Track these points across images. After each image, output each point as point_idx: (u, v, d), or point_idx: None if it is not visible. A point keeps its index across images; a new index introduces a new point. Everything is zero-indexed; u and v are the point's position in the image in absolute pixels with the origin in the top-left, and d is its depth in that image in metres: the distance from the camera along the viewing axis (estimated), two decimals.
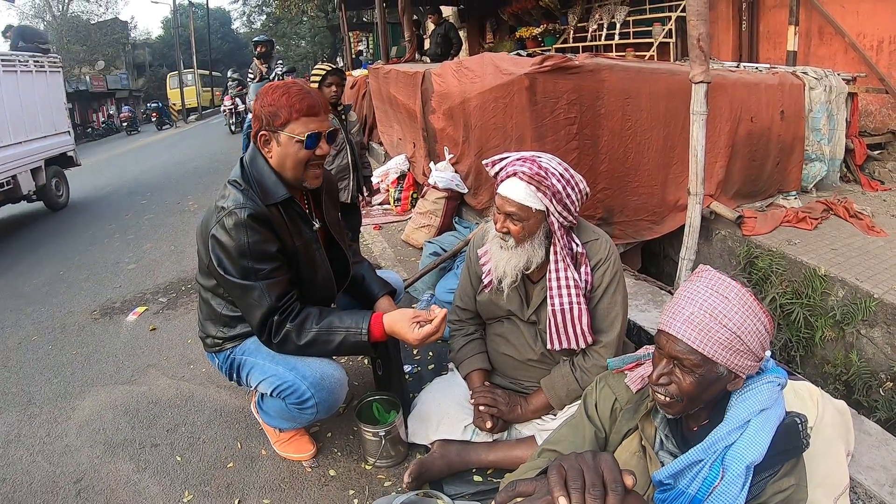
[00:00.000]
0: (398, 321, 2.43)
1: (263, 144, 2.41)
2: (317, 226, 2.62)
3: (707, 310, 1.52)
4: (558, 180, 2.21)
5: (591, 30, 10.48)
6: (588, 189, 2.33)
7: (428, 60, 10.62)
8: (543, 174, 2.19)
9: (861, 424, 2.44)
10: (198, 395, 3.55)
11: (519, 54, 5.15)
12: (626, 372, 1.91)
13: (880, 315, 3.81)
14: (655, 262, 5.23)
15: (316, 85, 4.43)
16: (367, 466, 2.78)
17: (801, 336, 4.14)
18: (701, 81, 3.64)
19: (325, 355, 2.54)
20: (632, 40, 9.69)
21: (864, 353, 3.92)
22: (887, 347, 3.81)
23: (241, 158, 2.52)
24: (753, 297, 1.54)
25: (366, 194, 5.00)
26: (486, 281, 2.52)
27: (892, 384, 3.73)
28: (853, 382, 3.88)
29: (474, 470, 2.61)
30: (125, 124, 32.63)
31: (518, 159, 2.26)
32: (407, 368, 3.31)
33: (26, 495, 2.89)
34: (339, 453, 2.90)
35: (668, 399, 1.61)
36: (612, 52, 9.83)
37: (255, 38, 10.79)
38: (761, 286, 4.40)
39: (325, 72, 4.43)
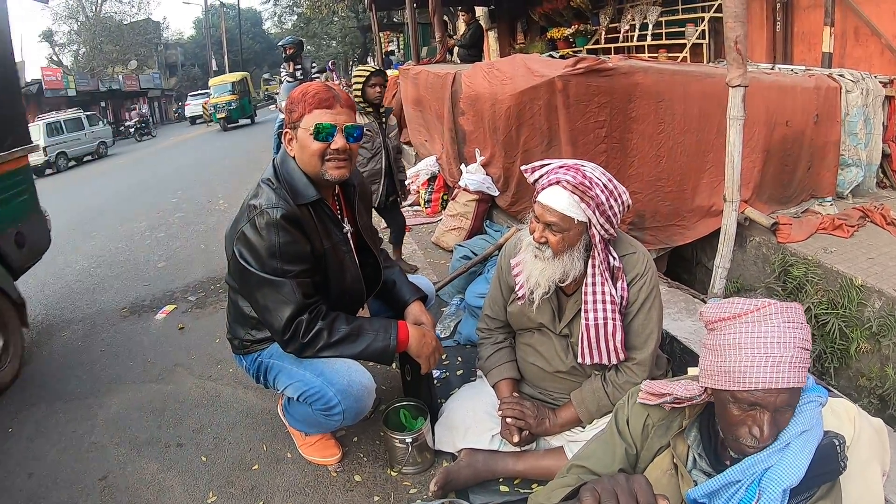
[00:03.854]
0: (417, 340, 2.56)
1: (288, 143, 2.45)
2: (347, 229, 2.62)
3: (800, 346, 1.48)
4: (602, 191, 2.14)
5: (622, 30, 10.38)
6: (630, 201, 2.27)
7: (458, 61, 10.60)
8: (588, 184, 2.12)
9: None
10: (224, 396, 3.56)
11: (551, 56, 5.09)
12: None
13: None
14: (688, 267, 5.15)
15: (360, 86, 4.43)
16: (392, 473, 2.75)
17: (835, 347, 4.04)
18: (738, 85, 3.56)
19: (349, 357, 2.53)
20: (664, 41, 9.60)
21: None
22: None
23: (273, 159, 2.54)
24: (800, 305, 1.52)
25: (400, 198, 4.99)
26: (519, 293, 2.45)
27: None
28: (888, 397, 3.78)
29: (501, 479, 2.57)
30: (134, 130, 32.20)
31: (561, 167, 2.20)
32: (435, 373, 3.28)
33: (51, 491, 2.92)
34: (365, 458, 2.89)
35: (765, 444, 1.55)
36: (644, 53, 9.76)
37: (281, 42, 10.84)
38: (796, 295, 4.31)
39: (369, 73, 4.44)
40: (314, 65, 10.84)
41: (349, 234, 2.64)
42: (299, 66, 10.31)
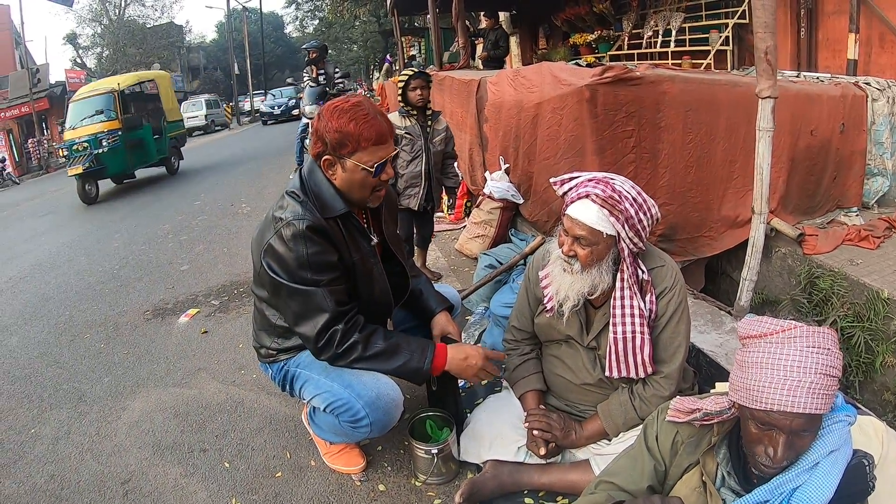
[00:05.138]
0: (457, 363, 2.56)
1: (327, 167, 2.41)
2: (374, 240, 2.61)
3: (823, 372, 1.47)
4: (631, 204, 2.13)
5: (646, 36, 10.32)
6: (659, 214, 2.26)
7: (480, 66, 10.61)
8: (617, 197, 2.12)
9: None
10: (248, 402, 3.58)
11: (578, 63, 5.07)
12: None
13: None
14: (713, 278, 5.11)
15: (400, 90, 4.43)
16: (417, 483, 2.75)
17: (860, 361, 4.00)
18: (768, 97, 3.53)
19: (381, 372, 2.53)
20: (688, 48, 9.53)
21: None
22: None
23: (300, 170, 2.52)
24: (832, 329, 1.52)
25: (446, 204, 4.97)
26: (548, 306, 2.45)
27: None
28: None
29: (526, 492, 2.55)
30: None
31: (590, 180, 2.19)
32: (461, 383, 3.28)
33: (74, 493, 2.95)
34: (390, 468, 2.89)
35: (783, 464, 1.56)
36: (667, 59, 9.71)
37: (305, 45, 10.91)
38: (822, 308, 4.27)
39: (408, 76, 4.43)
40: (338, 70, 10.90)
41: (376, 246, 2.63)
42: (322, 71, 10.37)
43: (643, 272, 2.27)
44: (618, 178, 2.23)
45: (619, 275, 2.25)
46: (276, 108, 32.26)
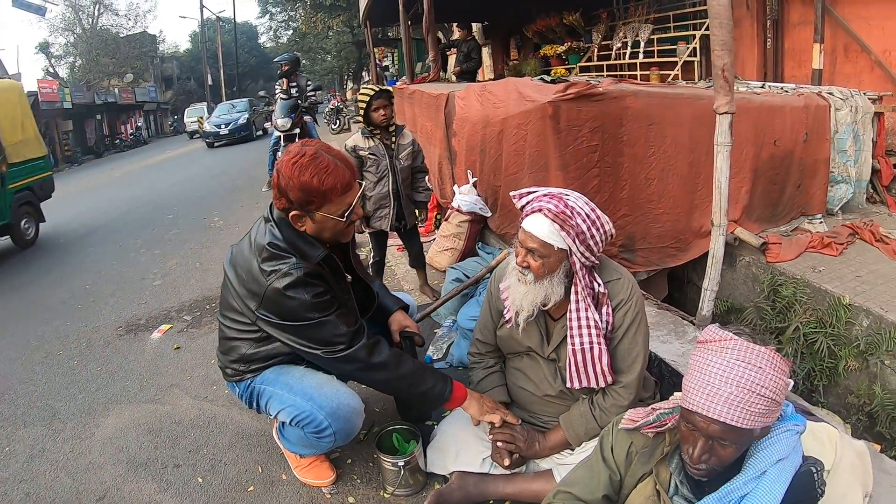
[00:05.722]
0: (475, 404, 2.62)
1: (296, 221, 2.43)
2: (349, 278, 2.69)
3: (746, 387, 1.52)
4: (583, 220, 2.20)
5: (615, 48, 10.44)
6: (613, 230, 2.32)
7: (453, 79, 10.67)
8: (569, 213, 2.19)
9: (881, 464, 2.40)
10: (220, 417, 3.60)
11: (543, 79, 5.12)
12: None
13: None
14: (680, 287, 5.19)
15: (363, 111, 4.32)
16: (385, 495, 2.79)
17: (824, 366, 4.08)
18: (725, 112, 3.61)
19: (400, 390, 2.74)
20: (656, 59, 9.65)
21: (888, 385, 3.85)
22: None
23: (270, 221, 2.51)
24: (777, 353, 1.55)
25: (419, 221, 4.94)
26: (507, 316, 2.52)
27: None
28: (876, 414, 3.81)
29: (491, 502, 2.61)
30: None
31: (545, 195, 2.26)
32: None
33: None
34: (359, 480, 2.93)
35: (706, 472, 1.63)
36: (636, 70, 9.84)
37: (277, 58, 10.91)
38: (785, 315, 4.35)
39: (369, 96, 4.28)
40: (310, 82, 10.90)
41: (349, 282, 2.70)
42: (294, 84, 10.36)
43: (599, 285, 2.33)
44: (573, 193, 2.30)
45: (573, 287, 2.32)
46: (223, 126, 24.89)
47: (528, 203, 2.30)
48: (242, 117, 25.34)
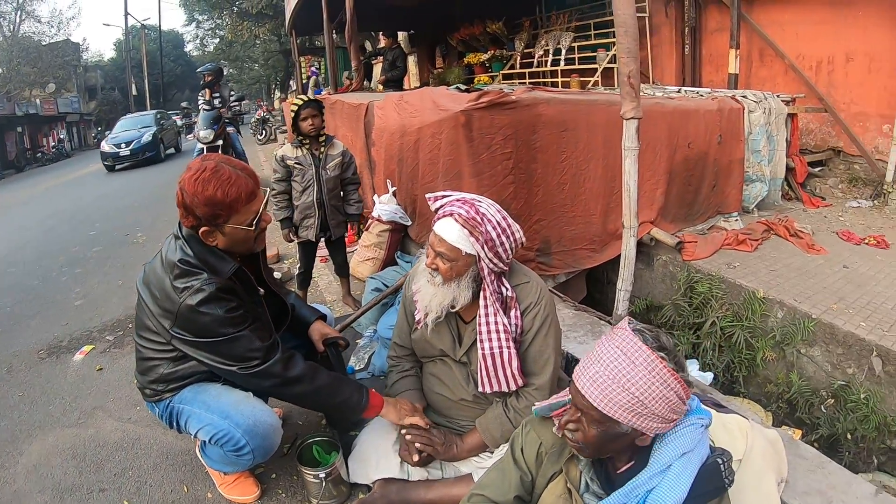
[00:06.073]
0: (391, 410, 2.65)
1: (206, 237, 2.41)
2: (262, 291, 2.69)
3: (611, 372, 1.57)
4: (493, 228, 2.24)
5: (537, 56, 10.62)
6: (524, 239, 2.37)
7: (380, 87, 10.65)
8: (479, 219, 2.22)
9: (797, 449, 2.50)
10: (144, 438, 3.53)
11: (458, 88, 5.14)
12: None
13: (818, 334, 3.93)
14: (601, 288, 5.29)
15: (292, 121, 4.33)
16: None
17: (742, 357, 4.22)
18: (632, 118, 3.70)
19: (318, 404, 2.75)
20: (577, 66, 9.86)
21: (804, 372, 4.02)
22: (827, 365, 3.92)
23: (179, 238, 2.48)
24: (664, 363, 1.56)
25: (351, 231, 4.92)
26: (417, 317, 2.56)
27: (832, 401, 3.83)
28: (795, 401, 3.97)
29: None
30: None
31: (458, 200, 2.30)
32: None
33: None
34: (284, 494, 2.93)
35: (574, 444, 1.69)
36: (558, 77, 10.04)
37: (200, 69, 10.75)
38: (702, 310, 4.48)
39: (297, 107, 4.28)
40: (233, 92, 10.77)
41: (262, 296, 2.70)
42: (217, 95, 10.22)
43: (507, 289, 2.38)
44: (486, 200, 2.34)
45: (481, 293, 2.35)
46: (123, 144, 19.88)
47: (441, 206, 2.34)
48: (147, 134, 20.40)
